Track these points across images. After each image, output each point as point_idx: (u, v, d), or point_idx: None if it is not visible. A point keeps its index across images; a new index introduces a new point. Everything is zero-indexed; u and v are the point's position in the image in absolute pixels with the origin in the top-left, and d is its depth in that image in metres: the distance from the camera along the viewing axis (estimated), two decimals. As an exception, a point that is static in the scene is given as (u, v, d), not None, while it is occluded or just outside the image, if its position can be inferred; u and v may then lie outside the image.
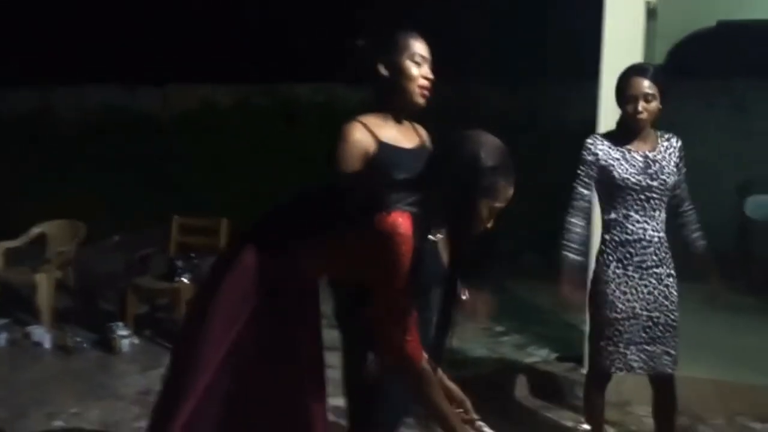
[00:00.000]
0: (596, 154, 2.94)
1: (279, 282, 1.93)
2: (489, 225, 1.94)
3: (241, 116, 9.10)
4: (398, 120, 2.31)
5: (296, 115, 8.86)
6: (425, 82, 2.26)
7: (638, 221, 2.90)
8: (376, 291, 1.87)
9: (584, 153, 2.96)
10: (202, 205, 7.70)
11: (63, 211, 6.22)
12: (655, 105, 2.84)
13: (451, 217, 1.91)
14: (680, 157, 2.96)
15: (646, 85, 2.82)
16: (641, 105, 2.82)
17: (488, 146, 1.89)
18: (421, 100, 2.28)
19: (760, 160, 6.91)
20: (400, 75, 2.25)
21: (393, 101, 2.29)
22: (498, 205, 1.91)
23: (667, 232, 2.96)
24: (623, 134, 2.95)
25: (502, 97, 7.93)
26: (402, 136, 2.30)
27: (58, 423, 3.74)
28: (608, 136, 2.99)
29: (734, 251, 6.84)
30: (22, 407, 3.91)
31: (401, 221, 1.82)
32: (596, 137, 3.00)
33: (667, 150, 2.94)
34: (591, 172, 2.95)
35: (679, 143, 2.98)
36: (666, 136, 2.98)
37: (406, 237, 1.82)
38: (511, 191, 1.92)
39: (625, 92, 2.85)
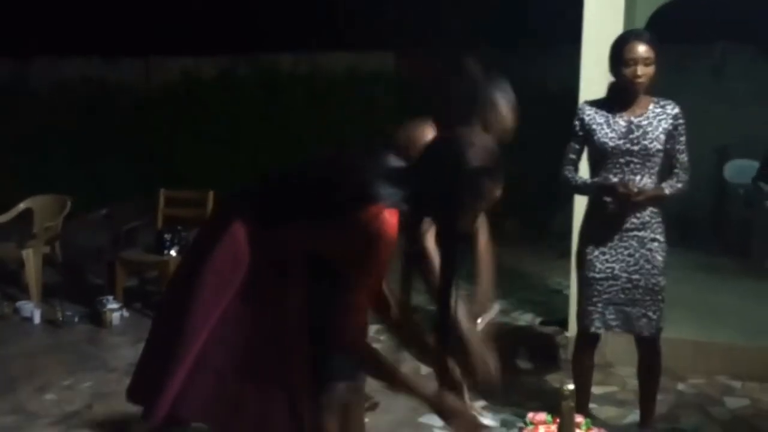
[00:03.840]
0: (582, 120, 2.99)
1: (267, 253, 1.93)
2: (474, 223, 1.95)
3: (223, 87, 9.04)
4: None
5: (278, 85, 8.82)
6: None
7: None
8: (346, 277, 1.85)
9: (574, 119, 3.02)
10: (186, 176, 7.69)
11: (46, 186, 6.19)
12: (652, 69, 2.85)
13: (438, 216, 1.88)
14: (674, 125, 2.92)
15: (644, 49, 2.83)
16: (640, 69, 2.83)
17: (476, 146, 1.85)
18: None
19: (738, 125, 6.98)
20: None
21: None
22: (483, 205, 1.89)
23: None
24: (614, 100, 2.98)
25: (482, 62, 7.91)
26: None
27: (49, 396, 3.78)
28: (599, 102, 3.02)
29: (711, 214, 6.95)
30: (13, 381, 3.94)
31: (389, 219, 1.79)
32: (586, 103, 3.05)
33: (658, 116, 2.91)
34: (579, 138, 3.01)
35: (675, 110, 2.93)
36: (662, 102, 2.95)
37: (392, 237, 1.80)
38: (497, 192, 1.88)
39: (623, 56, 2.85)
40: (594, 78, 3.60)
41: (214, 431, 2.09)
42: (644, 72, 2.84)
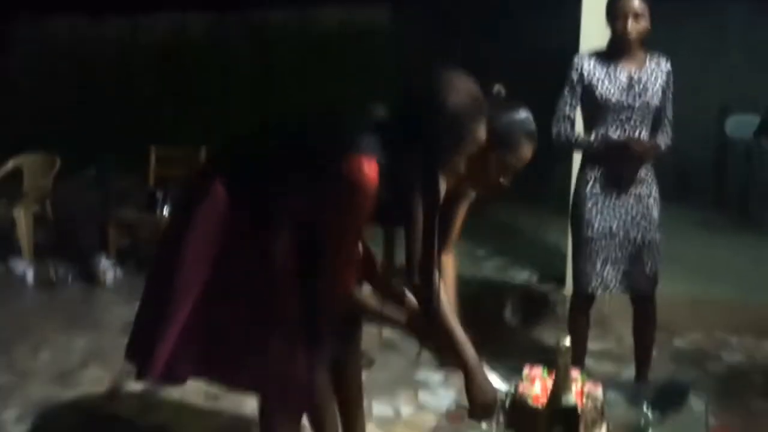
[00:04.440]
0: (581, 72, 2.92)
1: (250, 210, 1.91)
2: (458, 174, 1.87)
3: (212, 45, 8.90)
4: None
5: (268, 42, 8.69)
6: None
7: None
8: (327, 235, 1.83)
9: (570, 70, 2.94)
10: (175, 134, 7.60)
11: (36, 145, 6.10)
12: (643, 24, 2.82)
13: (419, 163, 1.81)
14: (667, 81, 2.91)
15: (635, 3, 2.79)
16: (630, 23, 2.79)
17: (460, 91, 1.77)
18: None
19: (739, 80, 6.91)
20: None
21: None
22: (467, 150, 1.81)
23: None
24: (611, 53, 2.92)
25: (479, 24, 7.79)
26: None
27: (44, 355, 3.77)
28: (596, 54, 2.96)
29: (711, 170, 6.93)
30: (7, 340, 3.92)
31: (368, 170, 1.74)
32: (583, 55, 2.98)
33: (654, 71, 2.90)
34: (575, 90, 2.94)
35: (668, 65, 2.93)
36: (656, 57, 2.93)
37: (371, 187, 1.74)
38: (482, 138, 1.81)
39: (614, 10, 2.82)
40: (594, 38, 3.50)
41: (212, 384, 2.10)
42: (635, 25, 2.80)
